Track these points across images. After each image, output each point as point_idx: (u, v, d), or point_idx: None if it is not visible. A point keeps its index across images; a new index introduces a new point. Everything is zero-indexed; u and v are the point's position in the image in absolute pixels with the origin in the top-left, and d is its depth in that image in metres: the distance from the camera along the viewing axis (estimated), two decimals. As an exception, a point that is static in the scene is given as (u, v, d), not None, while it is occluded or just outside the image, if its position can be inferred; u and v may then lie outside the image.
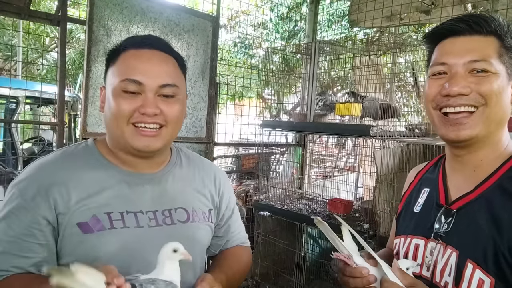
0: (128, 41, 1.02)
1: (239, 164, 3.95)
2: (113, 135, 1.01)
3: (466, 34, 0.89)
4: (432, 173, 1.05)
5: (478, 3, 2.85)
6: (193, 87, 2.84)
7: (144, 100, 0.96)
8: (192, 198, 1.12)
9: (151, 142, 0.97)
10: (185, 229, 1.06)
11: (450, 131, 0.89)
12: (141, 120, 0.96)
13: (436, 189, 0.99)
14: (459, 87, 0.86)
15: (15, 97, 4.37)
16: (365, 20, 3.14)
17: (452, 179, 0.98)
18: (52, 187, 0.93)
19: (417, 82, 3.32)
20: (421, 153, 2.30)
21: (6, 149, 4.58)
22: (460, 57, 0.88)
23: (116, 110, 0.96)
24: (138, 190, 1.02)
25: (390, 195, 2.32)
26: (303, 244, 3.16)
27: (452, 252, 0.87)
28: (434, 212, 0.95)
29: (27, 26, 7.96)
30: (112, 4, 2.37)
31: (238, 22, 5.63)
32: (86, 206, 0.94)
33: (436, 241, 0.91)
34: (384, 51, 3.10)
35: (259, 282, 3.10)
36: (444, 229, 0.90)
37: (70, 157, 1.02)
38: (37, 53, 8.13)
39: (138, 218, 0.99)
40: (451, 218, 0.90)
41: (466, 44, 0.88)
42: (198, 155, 1.25)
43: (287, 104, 4.09)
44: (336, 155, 4.75)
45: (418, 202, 1.03)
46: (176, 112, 1.01)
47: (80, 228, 0.92)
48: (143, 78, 0.95)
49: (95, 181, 0.98)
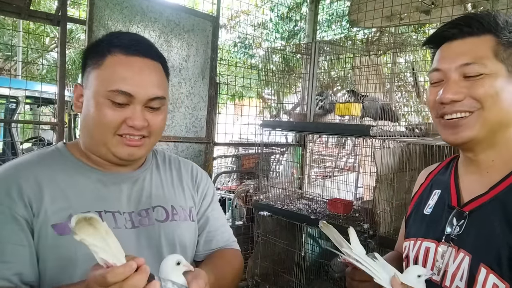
0: (114, 42, 0.95)
1: (239, 164, 3.95)
2: (93, 141, 0.97)
3: (459, 38, 0.87)
4: (444, 175, 1.03)
5: (478, 3, 2.85)
6: (193, 87, 2.84)
7: (133, 112, 0.93)
8: (171, 196, 1.08)
9: (135, 151, 0.96)
10: (164, 228, 1.02)
11: (448, 134, 0.89)
12: (128, 132, 0.94)
13: (447, 191, 0.97)
14: (451, 93, 0.85)
15: (15, 97, 4.38)
16: (365, 20, 3.14)
17: (464, 180, 0.95)
18: (25, 186, 0.89)
19: (417, 82, 3.32)
20: (421, 153, 2.30)
21: (6, 149, 4.58)
22: (452, 62, 0.86)
23: (101, 120, 0.92)
24: (115, 189, 0.99)
25: (390, 195, 2.31)
26: (303, 244, 3.16)
27: (465, 256, 0.84)
28: (445, 215, 0.93)
29: (27, 26, 7.96)
30: (112, 4, 2.37)
31: (238, 22, 5.63)
32: (61, 206, 0.90)
33: (447, 244, 0.89)
34: (384, 51, 3.10)
35: (259, 282, 3.10)
36: (456, 232, 0.88)
37: (45, 158, 0.98)
38: (37, 53, 8.13)
39: (116, 218, 0.95)
40: (463, 220, 0.88)
41: (458, 48, 0.87)
42: (174, 155, 1.23)
43: (287, 104, 4.09)
44: (336, 155, 4.75)
45: (429, 204, 1.00)
46: (161, 123, 1.00)
47: (55, 229, 0.87)
48: (134, 90, 0.92)
49: (70, 181, 0.94)
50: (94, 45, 0.98)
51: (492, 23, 0.85)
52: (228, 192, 4.30)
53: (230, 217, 3.41)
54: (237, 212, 3.52)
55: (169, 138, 2.73)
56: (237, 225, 3.39)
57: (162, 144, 2.70)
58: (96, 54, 0.95)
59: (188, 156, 2.85)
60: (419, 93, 3.33)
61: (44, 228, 0.87)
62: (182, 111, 2.80)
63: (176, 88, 2.74)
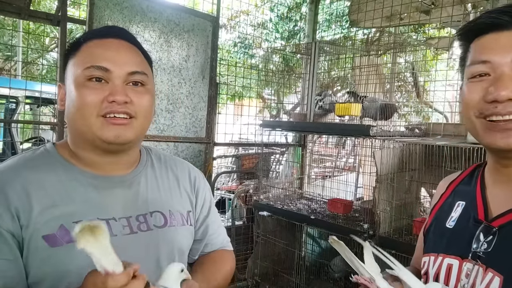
0: (90, 32, 0.95)
1: (239, 164, 3.94)
2: (78, 131, 0.90)
3: (510, 28, 0.76)
4: (468, 185, 0.93)
5: (478, 3, 2.85)
6: (193, 87, 2.84)
7: (112, 88, 0.88)
8: (168, 200, 1.04)
9: (121, 132, 0.88)
10: (163, 234, 0.98)
11: (499, 139, 0.76)
12: (111, 110, 0.87)
13: (473, 203, 0.87)
14: (508, 91, 0.73)
15: (15, 97, 4.37)
16: (365, 20, 3.14)
17: (493, 192, 0.86)
18: (12, 195, 0.82)
19: (417, 82, 3.32)
20: (421, 153, 2.30)
21: (6, 149, 4.58)
22: (506, 54, 0.75)
23: (81, 102, 0.86)
24: (108, 194, 0.93)
25: (389, 195, 2.32)
26: (303, 244, 3.16)
27: (494, 276, 0.75)
28: (471, 229, 0.83)
29: (27, 26, 7.96)
30: (112, 4, 2.37)
31: (238, 22, 5.63)
32: (51, 216, 0.84)
33: (474, 262, 0.80)
34: (384, 51, 3.10)
35: (259, 282, 3.10)
36: (484, 249, 0.79)
37: (30, 162, 0.91)
38: (37, 53, 8.12)
39: (111, 226, 0.90)
40: (491, 236, 0.78)
41: (510, 40, 0.76)
42: (169, 154, 1.18)
43: (287, 104, 4.09)
44: (336, 155, 4.75)
45: (452, 217, 0.91)
46: (147, 102, 0.93)
47: (46, 241, 0.82)
48: (110, 65, 0.88)
49: (59, 187, 0.88)
50: (72, 43, 0.96)
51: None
52: (228, 192, 4.30)
53: (230, 217, 3.41)
54: (237, 212, 3.52)
55: (169, 138, 2.73)
56: (237, 225, 3.39)
57: (162, 144, 2.70)
58: (73, 48, 0.94)
59: (188, 156, 2.85)
60: (419, 93, 3.33)
61: (34, 239, 0.82)
62: (182, 111, 2.80)
63: (176, 88, 2.74)
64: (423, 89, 3.31)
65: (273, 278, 3.14)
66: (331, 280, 3.03)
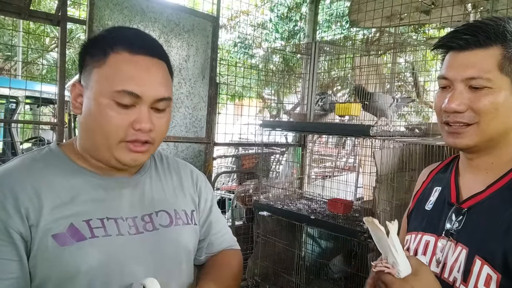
0: (117, 39, 0.89)
1: (239, 164, 3.94)
2: (95, 145, 0.91)
3: (466, 49, 0.88)
4: (445, 173, 1.08)
5: (478, 3, 2.85)
6: (193, 87, 2.84)
7: (139, 114, 0.87)
8: (173, 199, 1.05)
9: (138, 157, 0.91)
10: (169, 233, 0.99)
11: (449, 139, 0.93)
12: (136, 139, 0.88)
13: (448, 188, 1.02)
14: (455, 104, 0.88)
15: (15, 97, 4.38)
16: (365, 20, 3.14)
17: (464, 179, 1.00)
18: (22, 196, 0.82)
19: (417, 82, 3.32)
20: (421, 153, 2.30)
21: (6, 149, 4.58)
22: (458, 73, 0.88)
23: (105, 123, 0.86)
24: (116, 194, 0.94)
25: (390, 195, 2.32)
26: (303, 244, 3.16)
27: (462, 249, 0.90)
28: (445, 211, 0.98)
29: (27, 26, 7.96)
30: (112, 4, 2.37)
31: (238, 22, 5.64)
32: (61, 215, 0.84)
33: (447, 238, 0.94)
34: (384, 51, 3.10)
35: (258, 282, 3.10)
36: (455, 227, 0.93)
37: (37, 163, 0.90)
38: (37, 53, 8.13)
39: (119, 225, 0.91)
40: (461, 216, 0.93)
41: (464, 60, 0.88)
42: (170, 155, 1.20)
43: (287, 104, 4.09)
44: (336, 155, 4.75)
45: (430, 200, 1.05)
46: (166, 127, 0.95)
47: (56, 240, 0.82)
48: (141, 91, 0.87)
49: (67, 187, 0.88)
50: (94, 41, 0.92)
51: (499, 35, 0.86)
52: (228, 192, 4.31)
53: (230, 217, 3.41)
54: (237, 212, 3.52)
55: (169, 138, 2.73)
56: (237, 225, 3.39)
57: (162, 144, 2.69)
58: (97, 51, 0.88)
59: (188, 156, 2.85)
60: (419, 93, 3.33)
61: (44, 239, 0.82)
62: (182, 111, 2.80)
63: (176, 88, 2.74)
64: (423, 89, 3.32)
65: (273, 278, 3.14)
66: (331, 280, 3.03)
